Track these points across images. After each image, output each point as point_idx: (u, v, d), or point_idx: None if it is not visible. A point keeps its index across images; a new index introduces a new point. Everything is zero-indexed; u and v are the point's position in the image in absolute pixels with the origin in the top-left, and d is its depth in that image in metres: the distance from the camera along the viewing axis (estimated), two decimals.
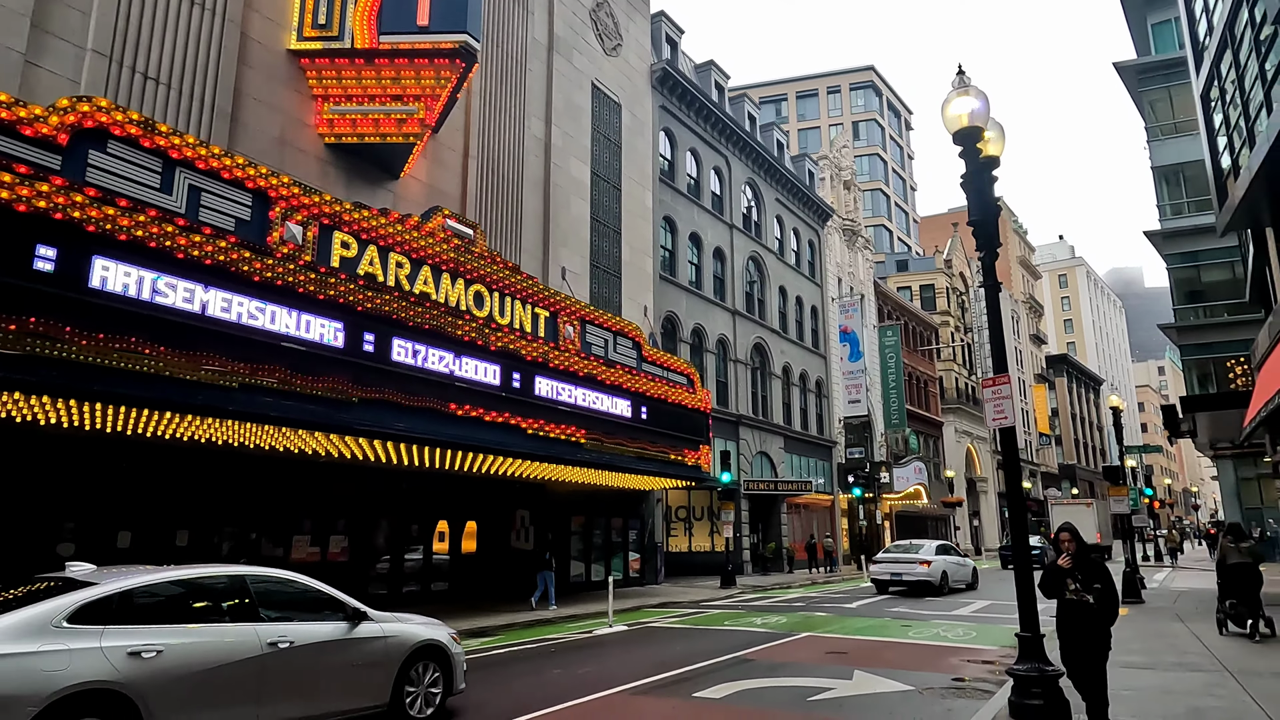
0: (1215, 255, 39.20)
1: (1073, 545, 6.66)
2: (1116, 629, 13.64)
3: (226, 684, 6.02)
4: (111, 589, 5.77)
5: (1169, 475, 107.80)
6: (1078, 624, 6.59)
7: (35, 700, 4.98)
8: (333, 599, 7.19)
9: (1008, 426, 7.08)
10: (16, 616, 5.30)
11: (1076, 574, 6.59)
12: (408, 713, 7.30)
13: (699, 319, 30.62)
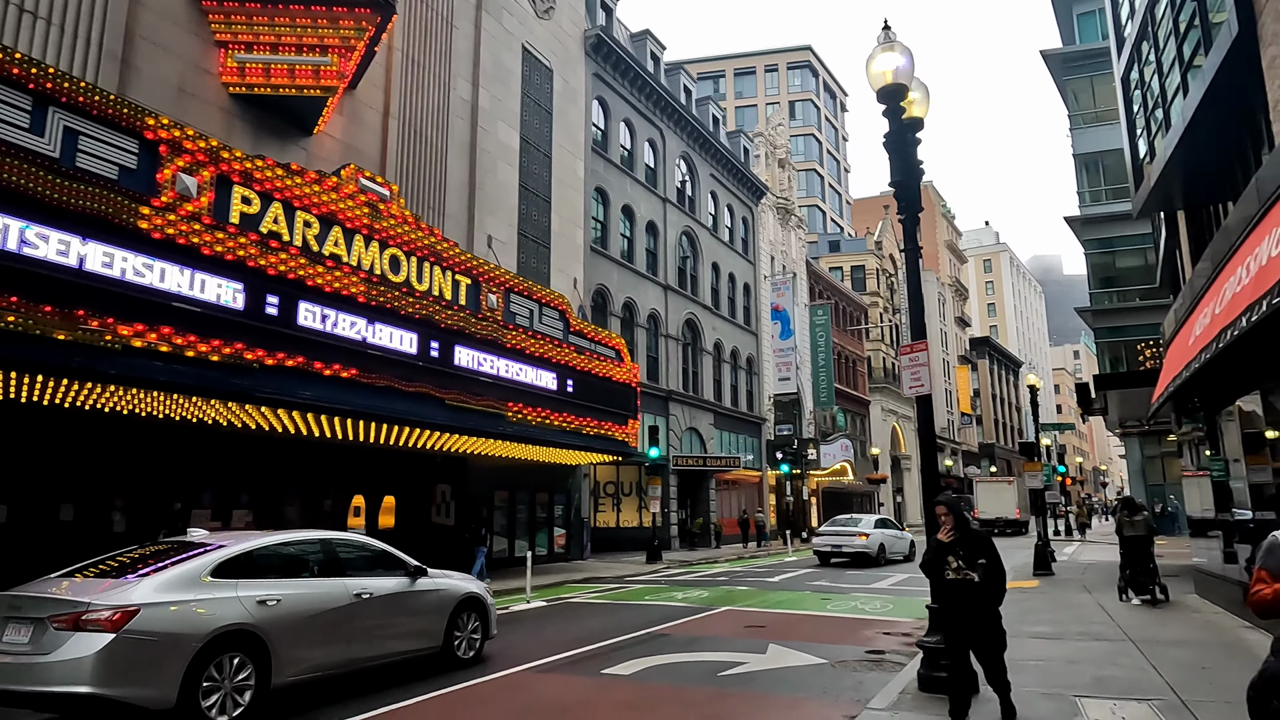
0: (1129, 242, 40.63)
1: (950, 520, 5.96)
2: (1028, 599, 13.97)
3: (325, 627, 7.26)
4: (239, 549, 6.97)
5: (1081, 454, 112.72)
6: (962, 604, 5.88)
7: (198, 638, 6.19)
8: (397, 558, 8.52)
9: (924, 394, 6.92)
10: (174, 572, 6.46)
11: (959, 550, 5.87)
12: (455, 654, 8.69)
13: (630, 293, 30.26)
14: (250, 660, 6.50)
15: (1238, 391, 10.12)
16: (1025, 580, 17.36)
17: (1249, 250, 8.09)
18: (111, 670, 5.70)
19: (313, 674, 7.10)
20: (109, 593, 6.06)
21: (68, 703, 5.74)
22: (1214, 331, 8.65)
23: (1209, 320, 9.45)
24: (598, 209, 29.36)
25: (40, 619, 5.89)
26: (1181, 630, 9.84)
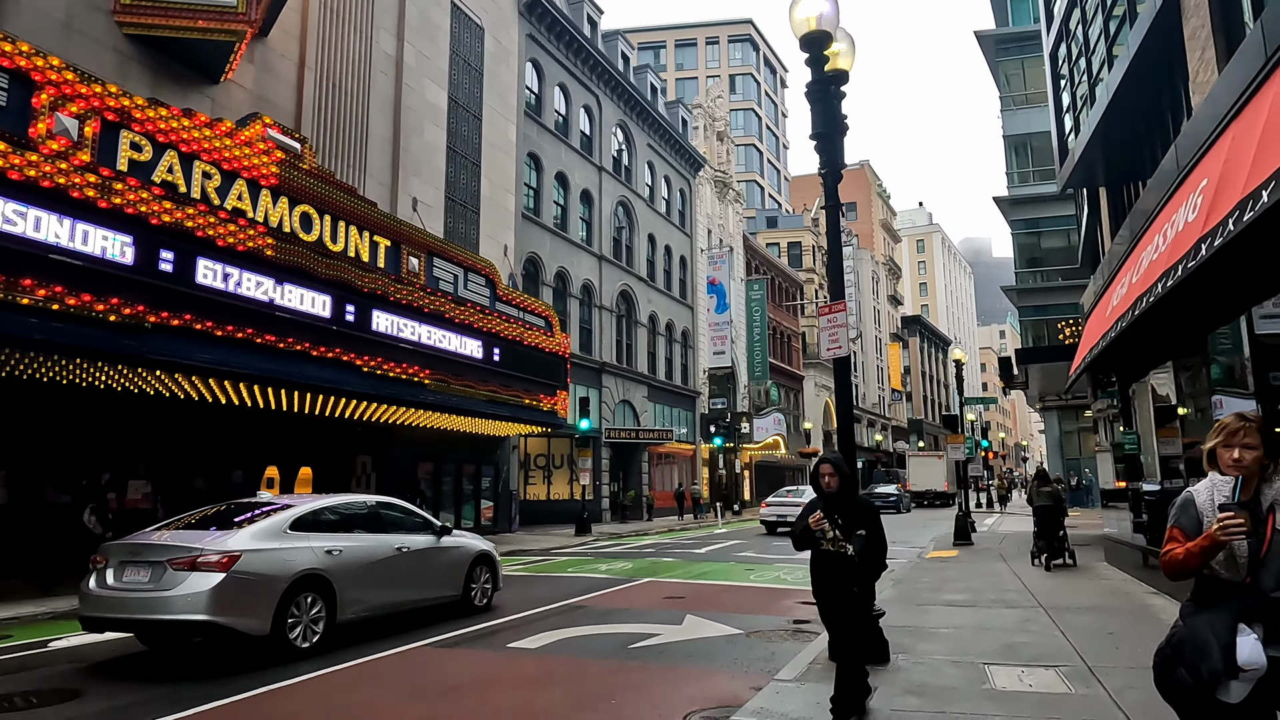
0: (1054, 223, 41.72)
1: (835, 481, 5.02)
2: (946, 568, 14.14)
3: (375, 575, 8.56)
4: (309, 508, 8.28)
5: (1004, 430, 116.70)
6: (834, 579, 4.99)
7: (285, 579, 7.41)
8: (427, 519, 9.93)
9: (842, 357, 6.69)
10: (263, 524, 7.70)
11: (836, 518, 4.94)
12: (472, 602, 10.04)
13: (563, 262, 29.67)
14: (321, 599, 7.77)
15: (1151, 363, 10.24)
16: (945, 550, 17.64)
17: (1166, 218, 8.07)
18: (222, 602, 6.89)
19: (367, 614, 8.46)
20: (216, 541, 7.25)
21: (186, 628, 7.03)
22: (1130, 300, 8.64)
23: (1125, 290, 9.48)
24: (531, 175, 28.62)
25: (160, 562, 7.08)
26: (1091, 596, 9.97)
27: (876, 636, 6.37)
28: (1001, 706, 5.09)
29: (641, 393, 34.83)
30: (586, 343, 31.07)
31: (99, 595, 7.18)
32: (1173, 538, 2.79)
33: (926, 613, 8.80)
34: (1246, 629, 2.57)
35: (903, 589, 10.94)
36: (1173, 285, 6.88)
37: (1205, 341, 9.30)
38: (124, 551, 7.38)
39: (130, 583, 7.11)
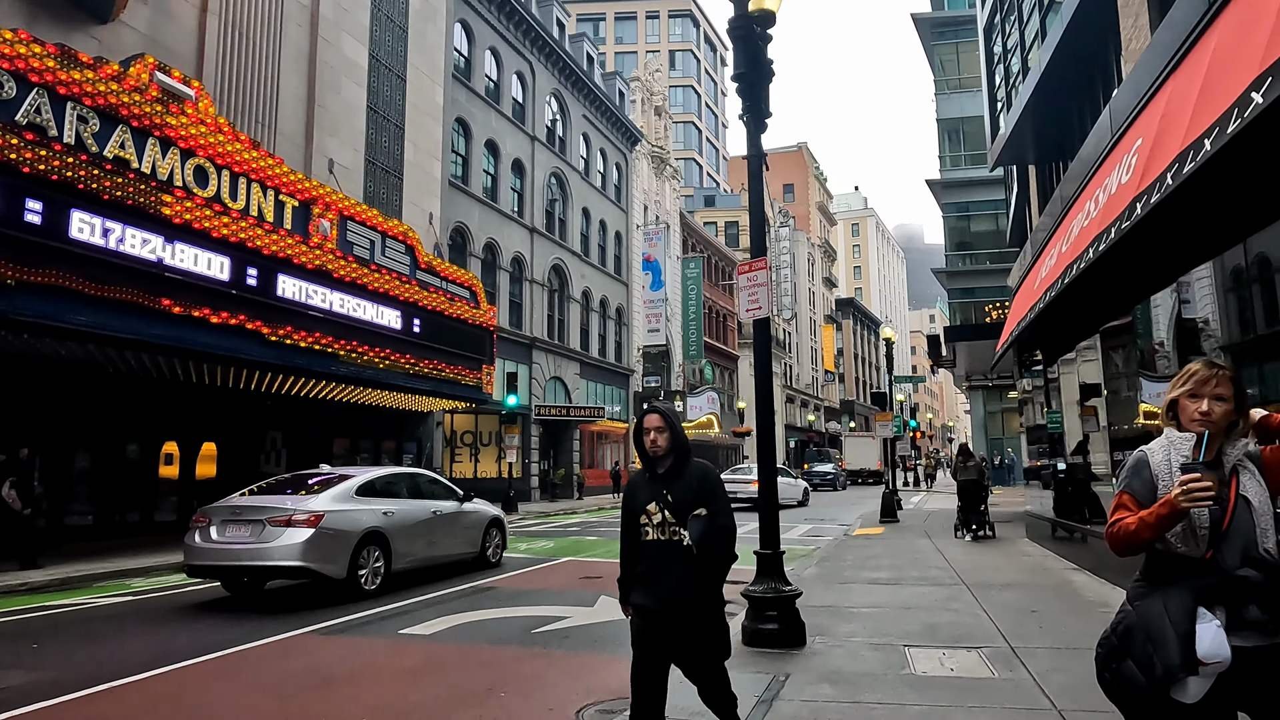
0: (983, 207, 42.39)
1: (665, 440, 3.52)
2: (871, 546, 13.96)
3: (418, 532, 10.26)
4: (367, 477, 9.93)
5: (931, 411, 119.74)
6: (664, 576, 3.47)
7: (356, 534, 9.07)
8: (452, 488, 11.74)
9: (762, 318, 6.19)
10: (337, 489, 9.38)
11: (665, 495, 3.47)
12: (488, 559, 11.77)
13: (493, 234, 28.70)
14: (381, 551, 9.42)
15: (1078, 335, 10.08)
16: (872, 527, 17.56)
17: (1098, 182, 7.80)
18: (312, 551, 8.50)
19: (411, 566, 10.09)
20: (303, 503, 8.91)
21: (284, 572, 8.74)
22: (1059, 268, 8.38)
23: (1055, 260, 9.24)
24: (459, 142, 27.51)
25: (259, 520, 8.70)
26: (1013, 573, 9.81)
27: (794, 617, 5.94)
28: (921, 694, 4.70)
29: (574, 369, 34.17)
30: (517, 317, 30.22)
31: (205, 548, 8.85)
32: (1122, 505, 2.32)
33: (849, 591, 8.47)
34: (1207, 614, 2.13)
35: (826, 567, 10.64)
36: (1105, 249, 6.58)
37: (1133, 313, 9.16)
38: (225, 513, 9.04)
39: (233, 538, 8.79)
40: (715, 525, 3.43)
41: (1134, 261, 6.95)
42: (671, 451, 3.56)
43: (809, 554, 12.96)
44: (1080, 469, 12.54)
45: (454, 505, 11.17)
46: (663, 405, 3.67)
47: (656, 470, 3.59)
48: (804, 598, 7.54)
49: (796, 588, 6.06)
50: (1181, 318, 8.02)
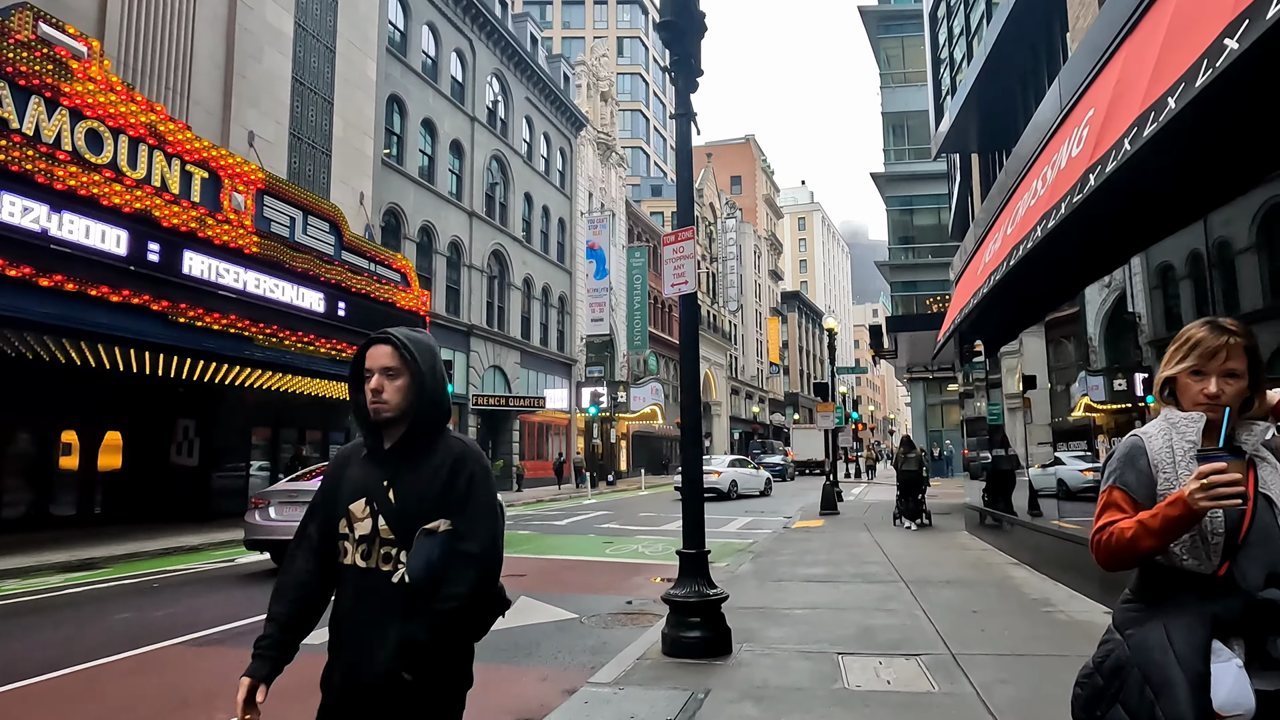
0: (926, 201, 42.77)
1: (400, 394, 2.06)
2: (810, 539, 13.60)
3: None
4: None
5: (873, 404, 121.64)
6: (362, 636, 2.01)
7: None
8: None
9: (689, 293, 5.62)
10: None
11: (385, 489, 2.04)
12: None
13: (429, 216, 27.65)
14: None
15: (1022, 323, 9.77)
16: (812, 520, 17.25)
17: (1046, 159, 7.42)
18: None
19: None
20: None
21: None
22: (1005, 250, 8.02)
23: (999, 244, 8.89)
24: (394, 120, 26.39)
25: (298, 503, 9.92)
26: (952, 568, 9.47)
27: (719, 624, 5.39)
28: (853, 713, 4.18)
29: (514, 358, 33.31)
30: (454, 303, 29.24)
31: (264, 525, 10.16)
32: (1113, 505, 1.76)
33: (782, 590, 7.98)
34: (1224, 650, 1.60)
35: (761, 563, 10.17)
36: (1055, 226, 6.18)
37: (1078, 303, 8.86)
38: (281, 496, 10.47)
39: (290, 516, 9.96)
40: (457, 552, 1.97)
41: (1085, 240, 6.57)
42: (409, 414, 2.06)
43: (745, 548, 12.51)
44: (1005, 460, 12.40)
45: None
46: (403, 332, 2.12)
47: (381, 445, 2.10)
48: (735, 598, 7.03)
49: (723, 590, 5.51)
50: (1112, 313, 7.76)
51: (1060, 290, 8.06)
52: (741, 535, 15.09)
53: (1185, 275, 6.38)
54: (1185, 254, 6.43)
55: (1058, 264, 7.23)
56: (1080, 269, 7.33)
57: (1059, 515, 8.77)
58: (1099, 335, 8.16)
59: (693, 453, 5.68)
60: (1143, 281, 6.87)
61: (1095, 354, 8.32)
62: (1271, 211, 5.24)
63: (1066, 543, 7.87)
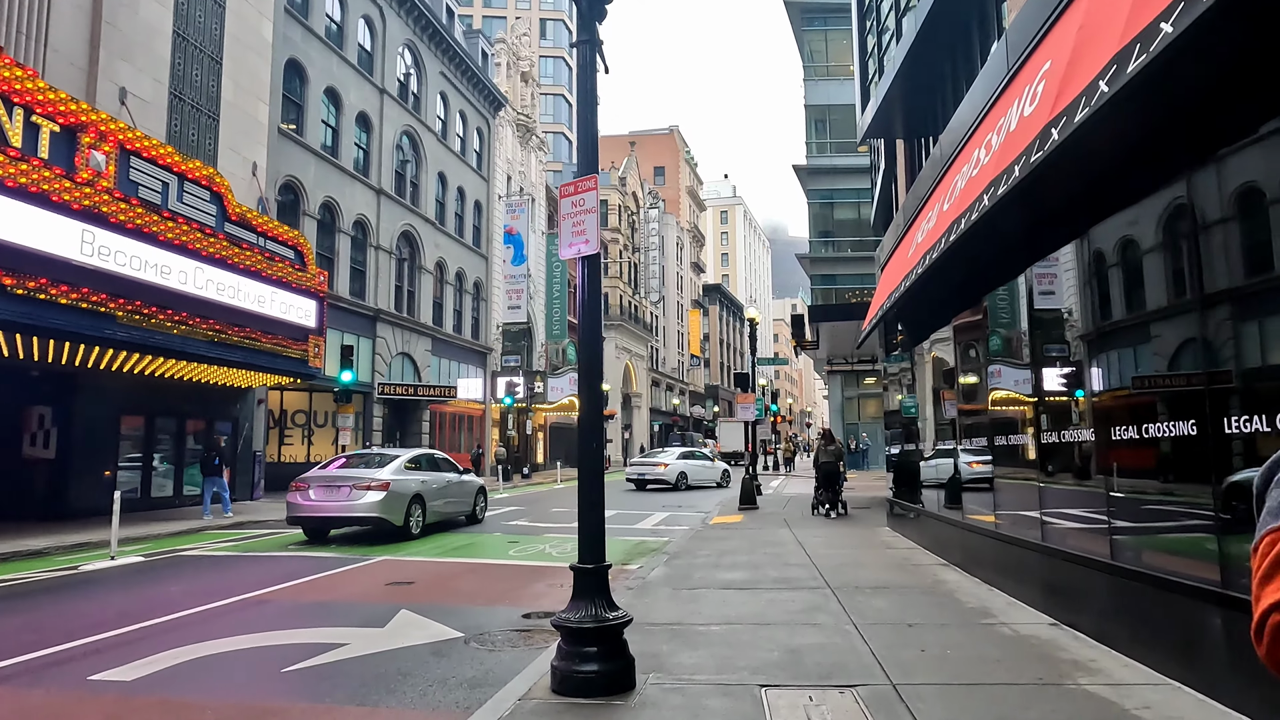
0: (847, 195, 42.93)
1: None
2: (728, 538, 12.86)
3: (441, 495, 14.33)
4: (410, 455, 14.31)
5: (791, 397, 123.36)
6: None
7: (408, 495, 13.06)
8: (453, 464, 15.81)
9: (590, 254, 4.67)
10: (394, 464, 13.46)
11: None
12: (476, 515, 15.89)
13: (332, 192, 25.88)
14: (420, 508, 13.33)
15: (956, 306, 9.17)
16: (731, 515, 16.59)
17: (991, 124, 6.76)
18: (383, 507, 12.52)
19: (436, 519, 14.05)
20: (374, 474, 12.98)
21: (365, 520, 12.75)
22: (941, 229, 7.35)
23: (934, 222, 8.25)
24: (294, 86, 24.53)
25: (348, 486, 12.74)
26: (880, 570, 8.83)
27: (620, 653, 4.48)
28: None
29: (424, 345, 31.73)
30: (360, 286, 27.54)
31: (305, 504, 12.71)
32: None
33: (698, 601, 7.14)
34: None
35: (676, 566, 9.33)
36: (1006, 193, 5.49)
37: (985, 300, 8.30)
38: (320, 481, 12.94)
39: (328, 498, 12.66)
40: None
41: (1041, 209, 5.91)
42: None
43: (660, 548, 11.69)
44: (914, 454, 12.03)
45: (457, 476, 15.33)
46: None
47: None
48: (644, 611, 6.15)
49: (625, 613, 4.58)
50: (1034, 307, 7.19)
51: (1003, 268, 7.44)
52: (657, 533, 14.27)
53: (1114, 264, 5.85)
54: (1115, 241, 5.82)
55: (1004, 238, 6.57)
56: (1031, 243, 6.68)
57: (993, 509, 8.19)
58: (1025, 329, 7.62)
59: (592, 444, 4.74)
60: (1075, 275, 6.33)
61: (1020, 347, 7.79)
62: (1247, 194, 4.62)
63: (1001, 544, 7.28)
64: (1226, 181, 4.55)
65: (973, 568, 8.21)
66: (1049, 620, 5.90)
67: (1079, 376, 6.36)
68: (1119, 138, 4.66)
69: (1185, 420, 4.58)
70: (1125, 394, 5.56)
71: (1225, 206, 4.55)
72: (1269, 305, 4.23)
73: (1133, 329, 5.67)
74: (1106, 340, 6.05)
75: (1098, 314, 6.04)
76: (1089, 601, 5.43)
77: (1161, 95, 4.14)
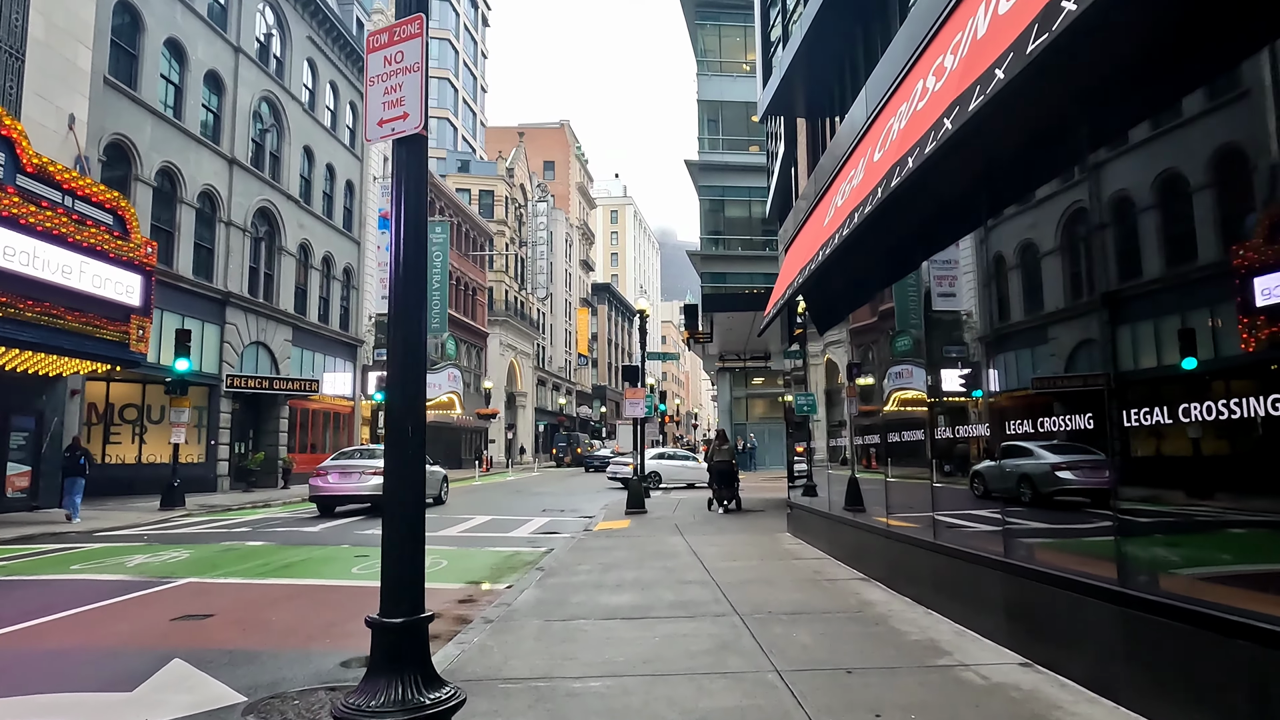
0: (738, 193, 42.45)
1: None
2: (615, 548, 11.23)
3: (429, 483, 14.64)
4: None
5: (678, 398, 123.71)
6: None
7: None
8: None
9: (410, 136, 3.02)
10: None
11: None
12: (442, 499, 19.68)
13: (173, 157, 22.83)
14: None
15: (882, 278, 7.99)
16: (617, 520, 15.12)
17: (923, 69, 5.53)
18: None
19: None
20: (377, 464, 16.41)
21: (371, 499, 16.77)
22: (865, 190, 6.09)
23: (860, 179, 7.00)
24: (128, 34, 21.42)
25: (360, 472, 16.98)
26: (792, 589, 7.52)
27: None
28: None
29: (284, 335, 28.77)
30: (207, 265, 24.49)
31: (323, 486, 17.16)
32: None
33: (574, 639, 5.57)
34: None
35: (552, 587, 7.73)
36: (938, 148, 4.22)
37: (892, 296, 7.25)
38: (337, 469, 17.29)
39: (344, 481, 16.95)
40: None
41: (987, 162, 4.68)
42: None
43: (535, 561, 10.07)
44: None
45: (429, 466, 15.20)
46: None
47: None
48: (501, 658, 4.56)
49: (454, 691, 2.97)
50: (932, 309, 6.65)
51: (932, 238, 6.25)
52: (534, 542, 12.62)
53: (1015, 266, 5.26)
54: (1016, 244, 4.94)
55: (942, 199, 5.35)
56: (973, 205, 5.48)
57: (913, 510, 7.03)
58: (921, 330, 6.81)
59: (405, 440, 3.10)
60: (974, 277, 5.85)
61: (920, 347, 6.97)
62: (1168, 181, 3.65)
63: (943, 557, 6.07)
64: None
65: (900, 584, 7.00)
66: (1018, 659, 4.67)
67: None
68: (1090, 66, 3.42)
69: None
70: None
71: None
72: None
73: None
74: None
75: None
76: (1081, 636, 4.22)
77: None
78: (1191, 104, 3.57)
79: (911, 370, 7.41)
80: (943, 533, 6.23)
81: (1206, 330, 3.57)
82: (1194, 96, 3.54)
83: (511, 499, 22.77)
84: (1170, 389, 3.62)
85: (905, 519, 7.19)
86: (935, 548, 6.18)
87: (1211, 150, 3.54)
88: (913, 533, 6.85)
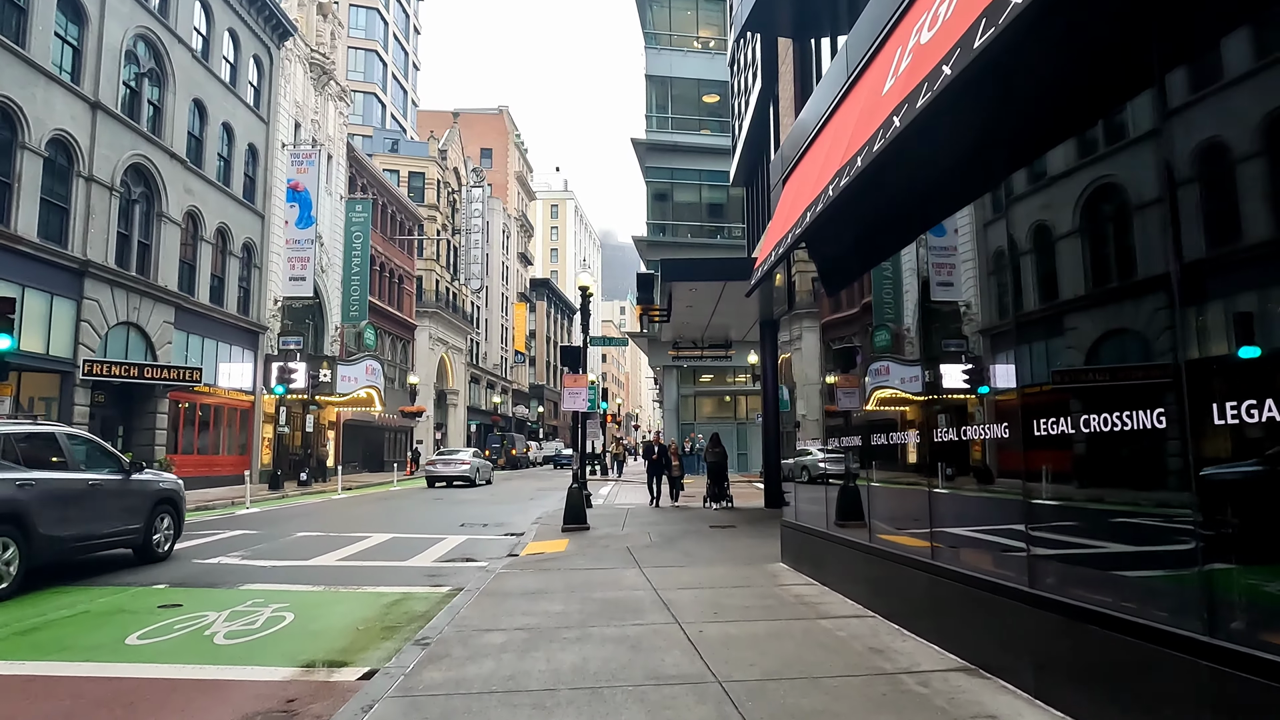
0: (688, 176, 39.76)
1: None
2: (548, 588, 4.71)
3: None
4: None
5: (618, 399, 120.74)
6: None
7: (478, 465, 31.68)
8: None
9: None
10: (467, 452, 32.31)
11: None
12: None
13: (12, 92, 18.71)
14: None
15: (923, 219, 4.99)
16: (552, 539, 11.88)
17: None
18: (471, 471, 30.35)
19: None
20: (465, 454, 31.75)
21: (466, 479, 30.14)
22: (897, 99, 3.06)
23: (890, 90, 3.95)
24: None
25: (457, 460, 30.60)
26: (798, 648, 4.43)
27: None
28: None
29: (165, 315, 24.66)
30: (58, 227, 20.37)
31: (436, 468, 29.73)
32: None
33: None
34: None
35: (437, 681, 4.49)
36: None
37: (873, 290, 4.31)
38: (442, 459, 30.27)
39: (448, 465, 29.80)
40: None
41: None
42: None
43: (427, 614, 6.79)
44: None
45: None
46: None
47: None
48: None
49: None
50: (929, 299, 5.64)
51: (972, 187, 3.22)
52: (436, 576, 9.29)
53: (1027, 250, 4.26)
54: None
55: None
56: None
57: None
58: (914, 325, 4.26)
59: None
60: (974, 267, 5.03)
61: (910, 344, 5.96)
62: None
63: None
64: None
65: (918, 623, 3.98)
66: None
67: None
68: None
69: None
70: None
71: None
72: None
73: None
74: None
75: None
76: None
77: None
78: None
79: (889, 367, 4.51)
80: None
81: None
82: None
83: (427, 509, 19.28)
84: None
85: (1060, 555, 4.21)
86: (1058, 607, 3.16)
87: None
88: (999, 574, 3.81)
